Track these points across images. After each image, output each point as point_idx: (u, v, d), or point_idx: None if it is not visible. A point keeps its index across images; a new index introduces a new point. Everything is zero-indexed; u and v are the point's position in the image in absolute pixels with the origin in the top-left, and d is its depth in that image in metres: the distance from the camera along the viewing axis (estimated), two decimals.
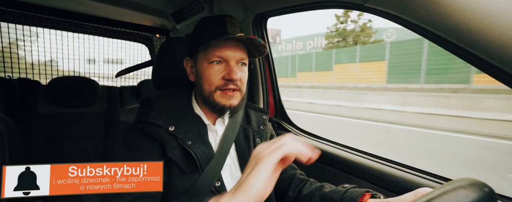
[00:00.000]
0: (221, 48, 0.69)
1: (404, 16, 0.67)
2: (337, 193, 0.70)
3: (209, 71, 0.71)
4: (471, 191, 0.37)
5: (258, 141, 0.82)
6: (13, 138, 0.96)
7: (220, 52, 0.69)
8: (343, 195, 0.68)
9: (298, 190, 0.80)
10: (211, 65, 0.71)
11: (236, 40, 0.71)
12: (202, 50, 0.71)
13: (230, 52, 0.70)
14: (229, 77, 0.69)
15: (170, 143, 0.70)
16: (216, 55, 0.70)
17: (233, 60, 0.71)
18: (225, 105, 0.71)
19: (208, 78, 0.71)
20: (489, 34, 0.52)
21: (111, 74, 2.37)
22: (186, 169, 0.69)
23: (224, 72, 0.70)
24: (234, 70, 0.69)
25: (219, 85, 0.71)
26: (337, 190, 0.72)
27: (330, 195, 0.71)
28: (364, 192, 0.67)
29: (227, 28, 0.70)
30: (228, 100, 0.72)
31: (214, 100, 0.72)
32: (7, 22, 1.75)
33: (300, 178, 0.83)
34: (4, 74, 1.84)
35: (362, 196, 0.65)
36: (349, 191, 0.69)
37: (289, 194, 0.81)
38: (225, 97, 0.71)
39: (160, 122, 0.71)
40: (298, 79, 14.84)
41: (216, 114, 0.76)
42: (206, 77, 0.71)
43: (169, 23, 2.07)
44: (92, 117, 1.96)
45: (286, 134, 0.54)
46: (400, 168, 0.91)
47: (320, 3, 0.98)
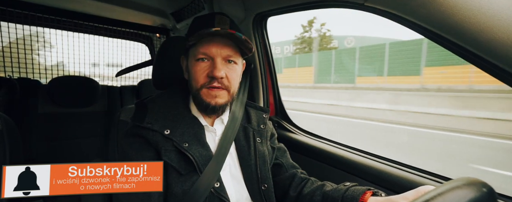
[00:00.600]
0: (206, 45, 0.69)
1: (404, 15, 0.67)
2: (339, 191, 0.70)
3: (195, 69, 0.71)
4: (471, 190, 0.37)
5: (258, 140, 0.81)
6: (13, 137, 0.96)
7: (205, 49, 0.69)
8: (344, 193, 0.68)
9: (299, 189, 0.80)
10: (197, 63, 0.70)
11: (221, 36, 0.70)
12: (191, 47, 0.72)
13: (216, 49, 0.69)
14: (212, 75, 0.68)
15: (165, 146, 0.69)
16: (201, 52, 0.69)
17: (218, 57, 0.70)
18: (210, 103, 0.71)
19: (194, 76, 0.71)
20: (489, 33, 0.52)
21: (111, 74, 2.37)
22: (183, 171, 0.69)
23: (209, 69, 0.70)
24: (217, 68, 0.69)
25: (204, 83, 0.70)
26: (338, 188, 0.72)
27: (331, 194, 0.71)
28: (365, 190, 0.66)
29: (215, 25, 0.69)
30: (213, 98, 0.71)
31: (200, 98, 0.71)
32: (7, 21, 1.75)
33: (301, 177, 0.83)
34: (4, 74, 1.84)
35: (363, 194, 0.65)
36: (350, 189, 0.68)
37: (290, 193, 0.80)
38: (210, 96, 0.71)
39: (155, 127, 0.70)
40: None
41: (202, 112, 0.76)
42: (193, 74, 0.71)
43: (169, 22, 2.06)
44: (92, 117, 1.97)
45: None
46: (400, 167, 0.91)
47: (320, 3, 0.97)
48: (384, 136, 5.58)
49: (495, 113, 5.75)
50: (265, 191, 0.76)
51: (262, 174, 0.77)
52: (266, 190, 0.76)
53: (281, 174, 0.84)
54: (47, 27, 1.94)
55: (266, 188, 0.77)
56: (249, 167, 0.77)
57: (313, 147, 1.21)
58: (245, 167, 0.77)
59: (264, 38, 1.39)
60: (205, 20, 0.71)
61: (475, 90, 7.31)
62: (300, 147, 1.27)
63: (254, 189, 0.76)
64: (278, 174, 0.84)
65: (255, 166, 0.77)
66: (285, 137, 1.37)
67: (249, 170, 0.77)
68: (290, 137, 1.35)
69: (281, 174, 0.84)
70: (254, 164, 0.77)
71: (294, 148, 1.27)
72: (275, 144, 0.89)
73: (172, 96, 0.79)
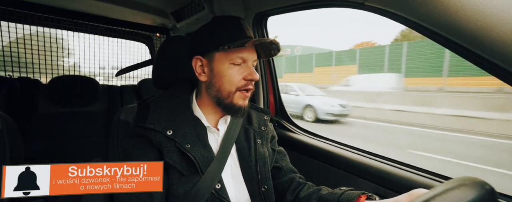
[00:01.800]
0: (242, 50, 0.71)
1: (404, 14, 0.67)
2: (334, 195, 0.72)
3: (231, 71, 0.71)
4: (472, 189, 0.37)
5: (259, 141, 0.81)
6: (13, 136, 0.96)
7: (242, 54, 0.71)
8: (339, 197, 0.70)
9: (296, 193, 0.81)
10: (232, 66, 0.71)
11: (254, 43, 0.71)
12: (222, 51, 0.71)
13: (249, 54, 0.72)
14: (251, 78, 0.71)
15: (168, 147, 0.69)
16: (239, 56, 0.71)
17: (250, 61, 0.73)
18: (242, 106, 0.73)
19: (230, 79, 0.71)
20: (489, 32, 0.52)
21: (111, 73, 2.37)
22: (185, 172, 0.69)
23: (245, 72, 0.72)
24: (254, 71, 0.72)
25: (240, 86, 0.72)
26: (334, 192, 0.73)
27: (327, 197, 0.73)
28: (360, 194, 0.68)
29: (245, 31, 0.72)
30: (244, 101, 0.73)
31: (231, 101, 0.72)
32: (7, 21, 1.75)
33: (299, 181, 0.84)
34: (4, 73, 1.84)
35: (358, 198, 0.67)
36: (345, 193, 0.70)
37: (287, 197, 0.81)
38: (243, 98, 0.73)
39: (157, 127, 0.70)
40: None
41: (229, 114, 0.76)
42: (228, 77, 0.71)
43: (170, 22, 2.06)
44: (92, 116, 1.97)
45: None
46: (400, 166, 0.91)
47: (320, 2, 0.97)
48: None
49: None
50: (265, 192, 0.77)
51: (262, 175, 0.77)
52: (266, 191, 0.77)
53: (280, 177, 0.85)
54: (48, 26, 1.94)
55: (266, 190, 0.77)
56: (249, 168, 0.77)
57: (313, 147, 1.21)
58: (245, 168, 0.77)
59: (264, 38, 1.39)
60: (231, 24, 0.72)
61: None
62: (300, 146, 1.27)
63: (254, 190, 0.76)
64: (276, 177, 0.85)
65: (255, 167, 0.77)
66: (285, 136, 1.37)
67: (250, 171, 0.77)
68: (290, 137, 1.35)
69: (280, 178, 0.85)
70: (255, 165, 0.77)
71: (294, 147, 1.27)
72: (276, 146, 0.90)
73: (174, 97, 0.79)
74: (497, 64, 0.55)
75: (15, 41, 1.83)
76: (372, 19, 35.03)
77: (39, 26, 1.91)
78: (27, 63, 1.90)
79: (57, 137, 1.84)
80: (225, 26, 0.72)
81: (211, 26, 0.74)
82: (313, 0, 0.98)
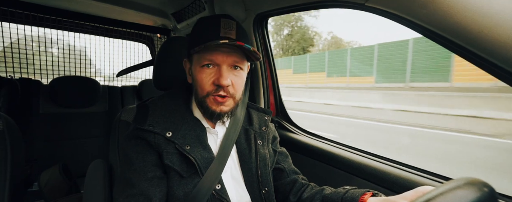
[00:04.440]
0: (213, 52, 0.67)
1: (405, 15, 0.67)
2: (338, 194, 0.70)
3: (201, 76, 0.69)
4: (472, 190, 0.37)
5: (260, 142, 0.81)
6: (14, 137, 0.96)
7: (212, 56, 0.67)
8: (343, 195, 0.68)
9: (299, 194, 0.80)
10: (202, 69, 0.68)
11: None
12: (196, 52, 0.69)
13: (222, 56, 0.67)
14: (218, 83, 0.67)
15: (167, 149, 0.69)
16: (208, 58, 0.67)
17: (225, 64, 0.68)
18: (216, 111, 0.70)
19: (200, 83, 0.69)
20: (490, 33, 0.52)
21: (112, 74, 2.38)
22: (185, 174, 0.68)
23: (215, 77, 0.68)
24: (223, 76, 0.67)
25: (210, 91, 0.69)
26: (337, 191, 0.72)
27: (330, 197, 0.71)
28: (365, 192, 0.67)
29: (221, 30, 0.67)
30: (218, 106, 0.70)
31: (206, 105, 0.70)
32: (8, 22, 1.76)
33: (302, 183, 0.83)
34: (5, 74, 1.84)
35: (363, 195, 0.65)
36: (349, 191, 0.69)
37: (290, 199, 0.80)
38: (216, 104, 0.70)
39: (156, 129, 0.69)
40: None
41: (208, 118, 0.75)
42: (199, 81, 0.69)
43: (170, 23, 2.07)
44: (93, 117, 1.97)
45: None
46: (401, 167, 0.91)
47: (320, 3, 0.97)
48: None
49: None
50: (266, 194, 0.76)
51: (262, 177, 0.77)
52: (266, 193, 0.76)
53: (282, 179, 0.84)
54: (49, 27, 1.95)
55: (267, 192, 0.76)
56: (250, 169, 0.77)
57: (314, 147, 1.21)
58: (245, 169, 0.77)
59: (264, 38, 1.39)
60: (210, 24, 0.69)
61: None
62: (301, 147, 1.27)
63: (255, 192, 0.76)
64: (279, 179, 0.84)
65: (256, 168, 0.77)
66: (286, 137, 1.37)
67: (250, 173, 0.77)
68: (291, 137, 1.35)
69: (282, 179, 0.84)
70: (255, 166, 0.77)
71: (294, 148, 1.27)
72: (277, 147, 0.89)
73: (174, 98, 0.78)
74: (497, 65, 0.55)
75: (16, 42, 1.83)
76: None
77: (40, 27, 1.92)
78: (28, 64, 1.91)
79: (58, 138, 1.85)
80: (205, 27, 0.70)
81: (194, 27, 0.73)
82: (314, 1, 0.99)
